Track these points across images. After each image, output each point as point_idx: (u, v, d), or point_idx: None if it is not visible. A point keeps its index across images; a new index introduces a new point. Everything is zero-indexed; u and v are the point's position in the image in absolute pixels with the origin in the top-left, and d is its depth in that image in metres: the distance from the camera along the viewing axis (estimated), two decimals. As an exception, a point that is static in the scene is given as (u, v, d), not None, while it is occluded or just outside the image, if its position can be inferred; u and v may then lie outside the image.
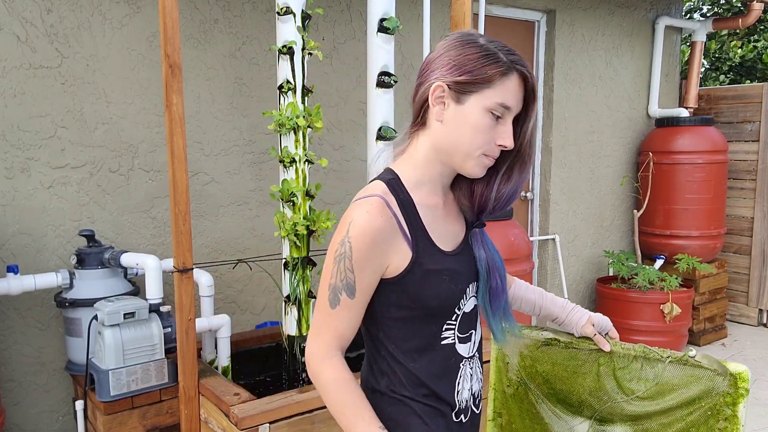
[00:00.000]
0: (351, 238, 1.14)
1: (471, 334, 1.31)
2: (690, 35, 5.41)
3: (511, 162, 1.24)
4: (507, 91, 1.16)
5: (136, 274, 2.66)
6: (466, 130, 1.17)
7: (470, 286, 1.28)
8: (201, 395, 2.27)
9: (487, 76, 1.15)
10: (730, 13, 7.47)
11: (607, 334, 1.53)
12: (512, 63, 1.16)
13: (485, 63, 1.15)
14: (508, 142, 1.18)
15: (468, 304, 1.28)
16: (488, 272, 1.28)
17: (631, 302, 4.36)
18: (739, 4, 7.38)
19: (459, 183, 1.29)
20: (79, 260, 2.53)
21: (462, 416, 1.29)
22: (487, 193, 1.25)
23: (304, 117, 2.39)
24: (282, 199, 2.45)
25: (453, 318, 1.26)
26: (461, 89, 1.16)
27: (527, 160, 1.24)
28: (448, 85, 1.17)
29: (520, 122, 1.22)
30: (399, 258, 1.18)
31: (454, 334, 1.26)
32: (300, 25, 2.38)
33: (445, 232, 1.25)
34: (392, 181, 1.22)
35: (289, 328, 2.53)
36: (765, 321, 5.22)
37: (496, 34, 4.29)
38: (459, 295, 1.25)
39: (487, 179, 1.25)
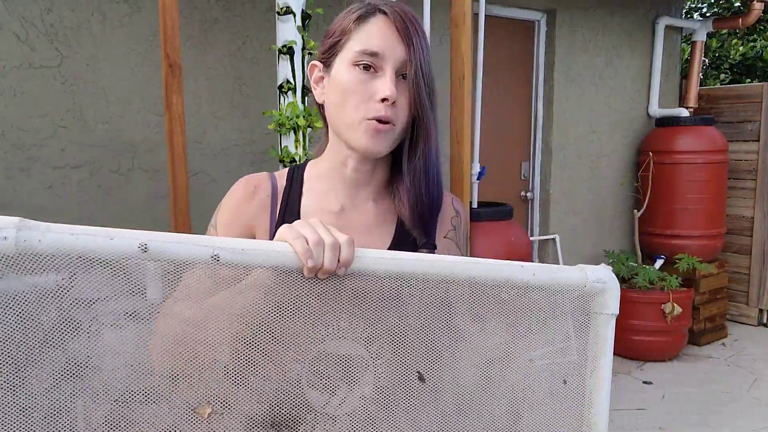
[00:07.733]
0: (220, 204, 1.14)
1: None
2: (690, 35, 5.41)
3: (413, 132, 1.03)
4: (369, 36, 0.99)
5: (136, 274, 2.65)
6: (338, 96, 1.01)
7: None
8: (201, 395, 2.27)
9: (343, 28, 1.01)
10: (730, 13, 7.47)
11: None
12: (369, 5, 1.01)
13: (343, 18, 1.02)
14: (385, 91, 0.97)
15: None
16: None
17: (631, 302, 4.36)
18: (738, 4, 7.38)
19: (395, 187, 1.10)
20: (79, 260, 2.53)
21: None
22: (406, 181, 1.04)
23: (304, 117, 2.39)
24: (282, 199, 2.45)
25: None
26: (327, 57, 1.04)
27: (427, 123, 1.02)
28: (320, 60, 1.06)
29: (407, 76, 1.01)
30: (261, 236, 1.10)
31: None
32: (300, 24, 2.38)
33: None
34: (296, 167, 1.13)
35: (289, 328, 2.52)
36: (765, 321, 5.22)
37: (496, 34, 4.29)
38: None
39: (399, 165, 1.06)
